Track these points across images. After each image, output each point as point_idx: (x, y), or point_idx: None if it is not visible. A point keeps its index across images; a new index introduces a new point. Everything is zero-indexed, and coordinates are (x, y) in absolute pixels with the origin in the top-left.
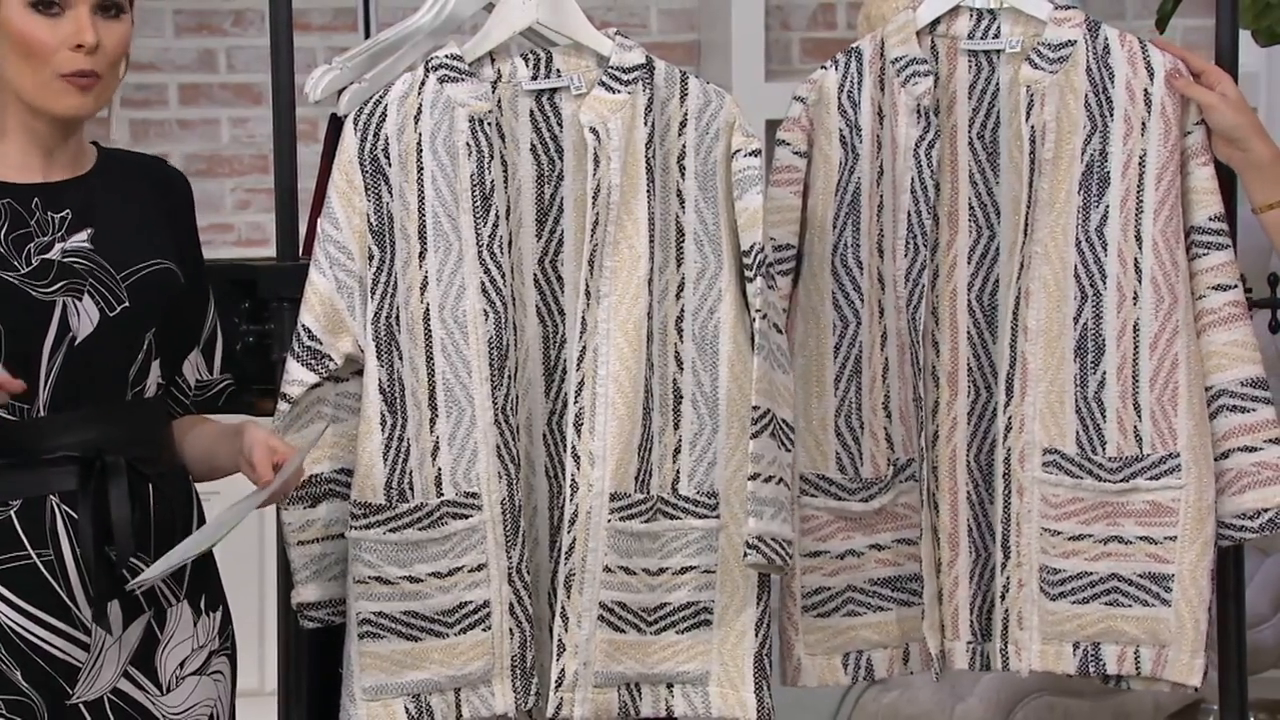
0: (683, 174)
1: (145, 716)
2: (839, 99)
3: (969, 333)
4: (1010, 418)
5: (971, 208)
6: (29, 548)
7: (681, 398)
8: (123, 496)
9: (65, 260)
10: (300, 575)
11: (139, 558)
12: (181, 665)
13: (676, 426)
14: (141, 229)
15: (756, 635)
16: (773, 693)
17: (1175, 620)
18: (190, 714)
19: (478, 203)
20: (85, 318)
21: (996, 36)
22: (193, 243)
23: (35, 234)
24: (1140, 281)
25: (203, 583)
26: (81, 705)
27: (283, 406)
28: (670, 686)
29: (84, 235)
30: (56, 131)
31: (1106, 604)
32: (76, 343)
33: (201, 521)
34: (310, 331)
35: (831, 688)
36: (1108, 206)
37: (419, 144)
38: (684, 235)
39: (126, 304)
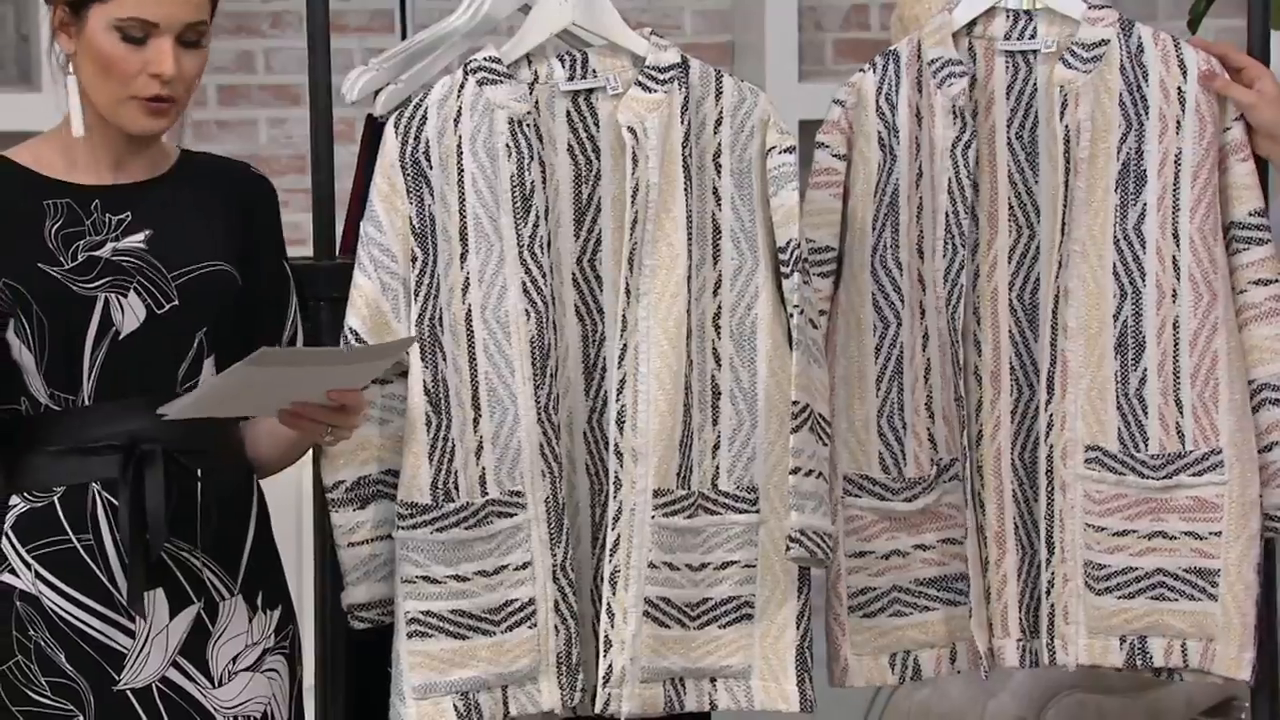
0: (718, 172)
1: (196, 708)
2: (877, 101)
3: (1010, 331)
4: (1052, 415)
5: (1011, 207)
6: (70, 532)
7: (720, 394)
8: (158, 486)
9: (114, 258)
10: (351, 576)
11: (180, 546)
12: (234, 660)
13: (715, 423)
14: (204, 231)
15: (797, 628)
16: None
17: (1222, 615)
18: (243, 709)
19: (518, 204)
20: (130, 314)
21: (1033, 37)
22: (270, 247)
23: (88, 233)
24: (1179, 279)
25: (260, 580)
26: (129, 692)
27: None
28: (714, 680)
29: (140, 236)
30: (129, 140)
31: (1153, 598)
32: (120, 337)
33: (261, 522)
34: (357, 334)
35: (866, 687)
36: (1145, 204)
37: (459, 146)
38: (720, 232)
39: (176, 303)
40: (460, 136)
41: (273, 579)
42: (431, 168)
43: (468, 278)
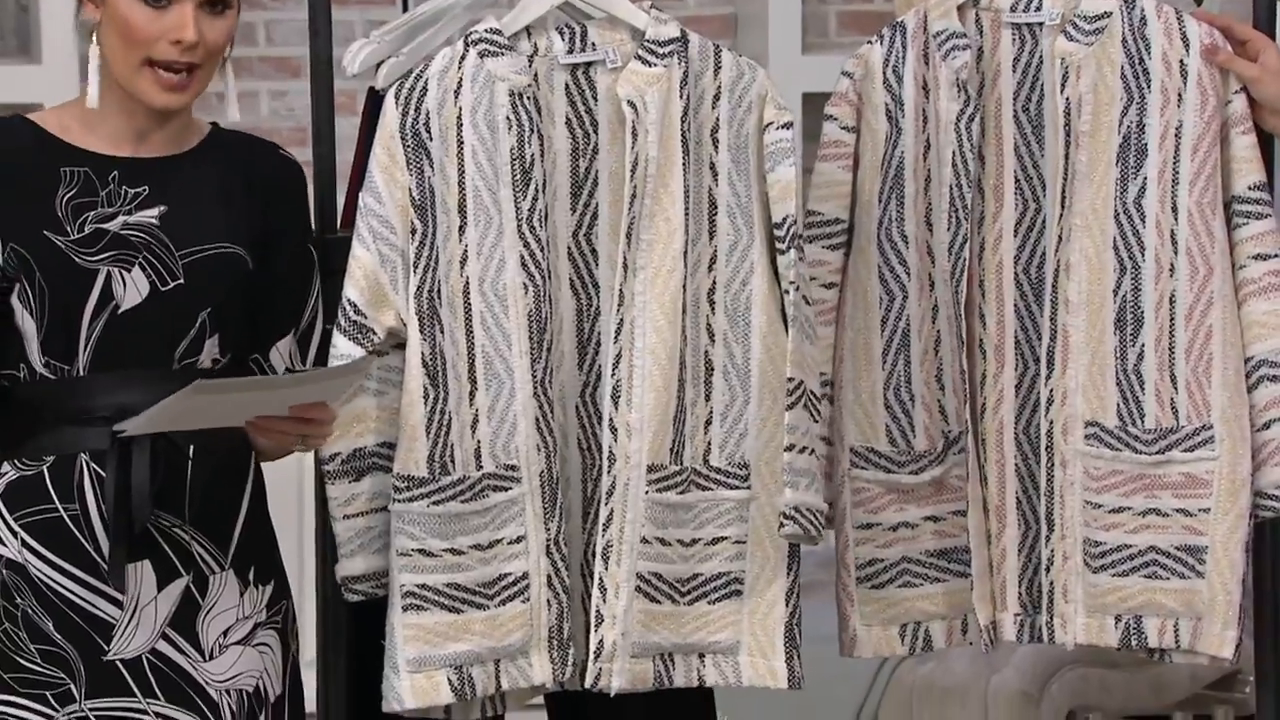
0: (716, 147)
1: (186, 680)
2: (884, 73)
3: (1015, 305)
4: (1052, 390)
5: (1017, 180)
6: (57, 501)
7: (713, 370)
8: (144, 461)
9: (122, 232)
10: (345, 549)
11: (168, 520)
12: (225, 634)
13: (708, 398)
14: (219, 212)
15: (787, 605)
16: (803, 662)
17: (1208, 592)
18: (234, 683)
19: (517, 177)
20: (133, 288)
21: (1039, 9)
22: (292, 231)
23: (101, 204)
24: (1176, 253)
25: (253, 555)
26: (119, 663)
27: None
28: (702, 656)
29: (154, 212)
30: (153, 112)
31: (1146, 577)
32: (120, 311)
33: (256, 498)
34: (355, 306)
35: (870, 660)
36: (1145, 178)
37: (459, 118)
38: (716, 208)
39: (181, 281)
40: (460, 108)
41: (266, 554)
42: (431, 139)
43: (466, 250)
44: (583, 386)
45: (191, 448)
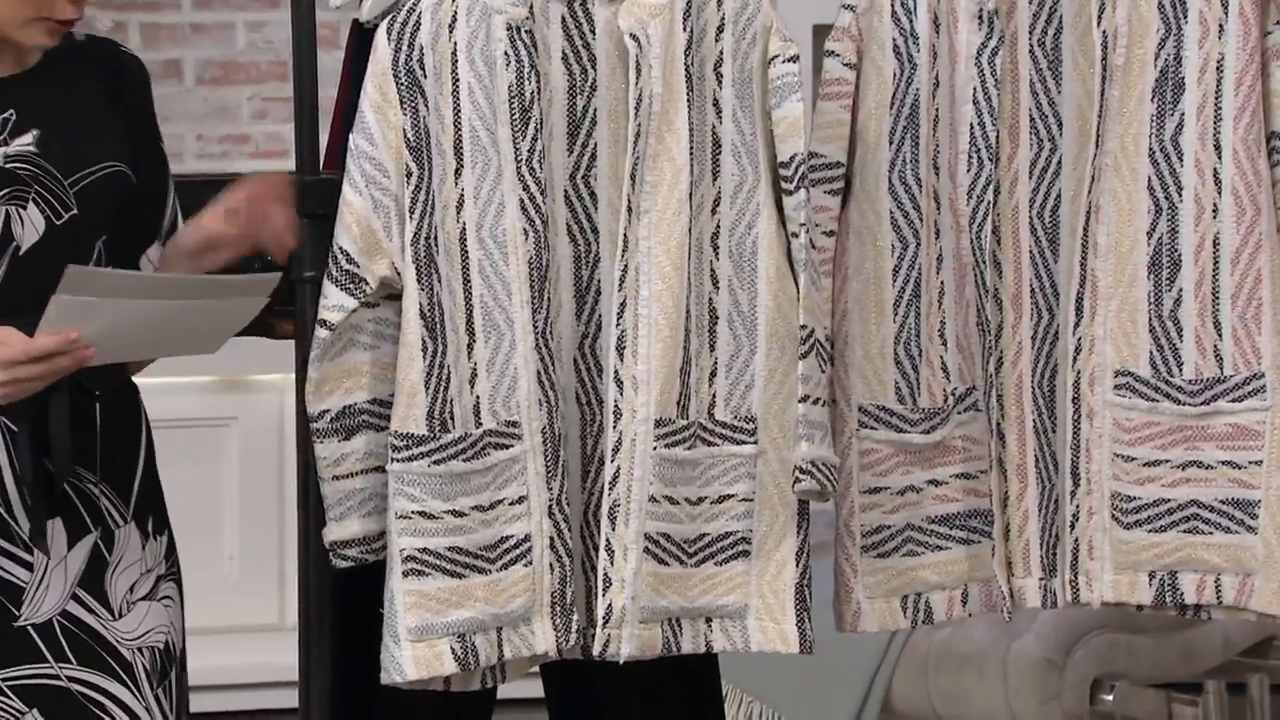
0: (719, 82)
1: (98, 640)
2: (893, 6)
3: (1031, 252)
4: (1080, 339)
5: (1032, 119)
6: None
7: (718, 318)
8: (63, 412)
9: (8, 166)
10: (334, 512)
11: (81, 475)
12: (131, 589)
13: (713, 348)
14: (91, 128)
15: (797, 565)
16: (814, 625)
17: (1263, 547)
18: (145, 640)
19: (516, 115)
20: (30, 227)
21: None
22: (149, 135)
23: None
24: (1220, 192)
25: (150, 504)
26: (30, 628)
27: (323, 334)
28: (709, 621)
29: (29, 139)
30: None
31: (1185, 531)
32: (21, 252)
33: (149, 442)
34: (348, 254)
35: None
36: (1183, 114)
37: (454, 54)
38: (720, 147)
39: (75, 212)
40: (455, 43)
41: (158, 503)
42: (426, 76)
43: (462, 194)
44: (581, 338)
45: (97, 393)
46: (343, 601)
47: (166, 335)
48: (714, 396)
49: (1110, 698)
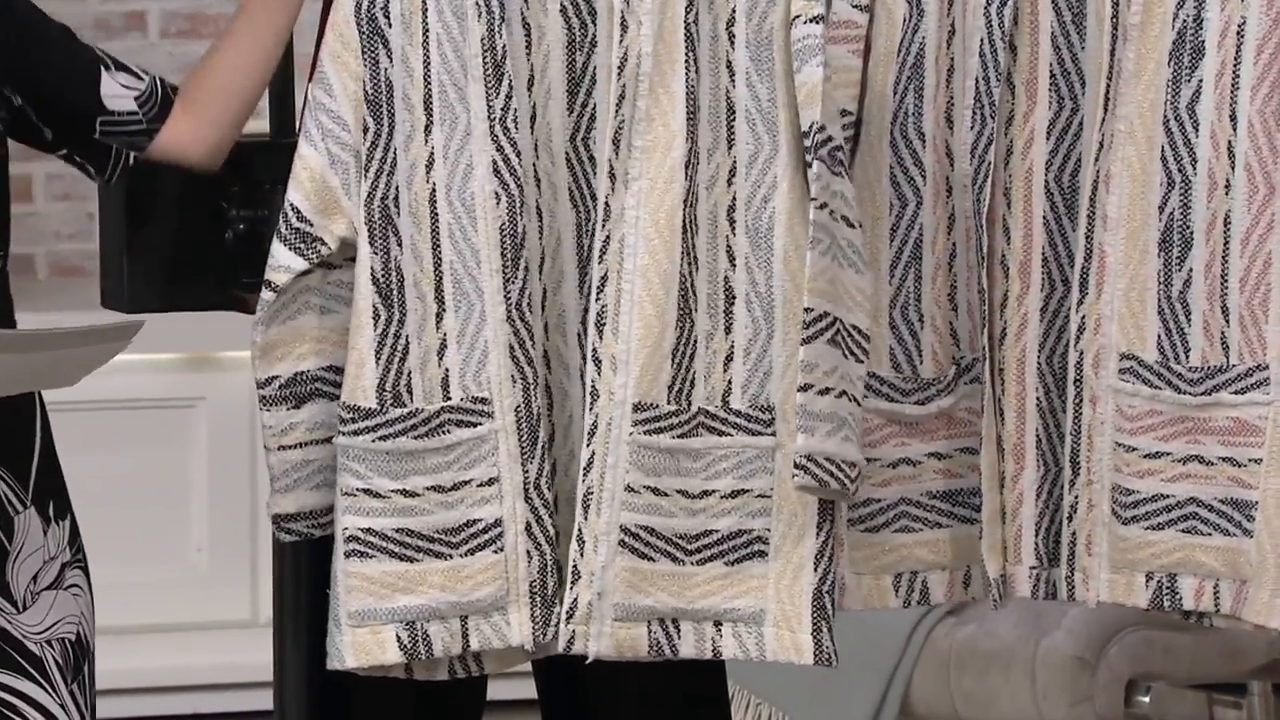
0: (732, 43)
1: (3, 637)
2: None
3: (1045, 217)
4: (1084, 318)
5: (1053, 75)
6: None
7: (734, 298)
8: None
9: None
10: (280, 483)
11: None
12: (35, 579)
13: (729, 331)
14: None
15: (816, 569)
16: (834, 635)
17: (1256, 553)
18: (53, 632)
19: (488, 71)
20: None
21: None
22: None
23: None
24: (1233, 167)
25: (49, 488)
26: None
27: (267, 296)
28: (719, 624)
29: None
30: None
31: (1183, 531)
32: None
33: (45, 421)
34: (299, 212)
35: (900, 619)
36: (1200, 81)
37: (424, 2)
38: (735, 114)
39: None
40: None
41: (59, 487)
42: (390, 25)
43: (432, 153)
44: (584, 310)
45: None
46: (320, 596)
47: (24, 377)
48: (730, 383)
49: (1147, 699)
